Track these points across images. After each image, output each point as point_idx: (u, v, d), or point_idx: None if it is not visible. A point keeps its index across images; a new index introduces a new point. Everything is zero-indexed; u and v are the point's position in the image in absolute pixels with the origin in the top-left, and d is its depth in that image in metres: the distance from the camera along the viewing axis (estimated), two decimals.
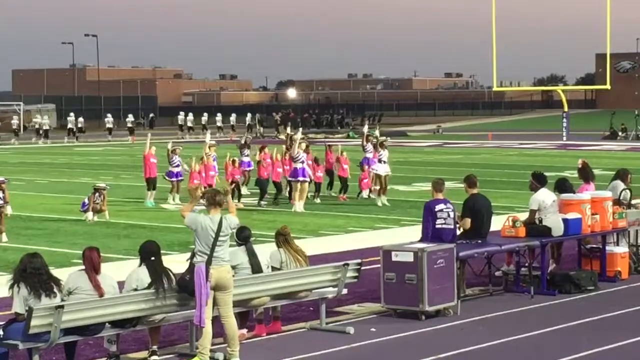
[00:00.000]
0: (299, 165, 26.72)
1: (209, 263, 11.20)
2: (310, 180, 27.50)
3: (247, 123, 78.20)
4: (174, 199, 28.41)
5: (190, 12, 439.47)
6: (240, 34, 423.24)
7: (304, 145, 27.65)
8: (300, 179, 26.57)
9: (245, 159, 30.63)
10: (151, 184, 28.29)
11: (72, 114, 74.09)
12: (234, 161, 28.85)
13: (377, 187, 27.60)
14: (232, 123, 79.08)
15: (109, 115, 75.82)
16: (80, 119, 74.04)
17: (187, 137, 72.19)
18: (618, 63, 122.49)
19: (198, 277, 11.17)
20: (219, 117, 79.49)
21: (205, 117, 79.18)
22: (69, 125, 71.71)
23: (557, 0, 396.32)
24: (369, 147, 28.80)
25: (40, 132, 68.46)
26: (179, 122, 77.93)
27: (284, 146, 29.37)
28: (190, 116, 77.95)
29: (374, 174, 28.01)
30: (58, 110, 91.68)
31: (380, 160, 27.57)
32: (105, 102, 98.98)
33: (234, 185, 27.27)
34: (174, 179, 28.64)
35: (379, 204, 27.13)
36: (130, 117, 73.76)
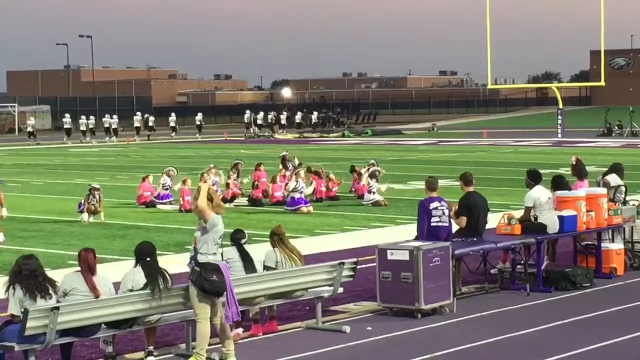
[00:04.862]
0: (297, 195, 25.86)
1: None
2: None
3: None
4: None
5: (184, 13, 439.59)
6: (235, 34, 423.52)
7: (302, 174, 26.68)
8: (300, 206, 25.68)
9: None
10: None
11: (67, 114, 73.24)
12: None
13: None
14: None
15: (82, 117, 71.96)
16: (86, 120, 70.35)
17: (259, 134, 71.37)
18: (612, 60, 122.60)
19: (227, 274, 11.34)
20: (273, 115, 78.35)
21: (271, 115, 77.73)
22: (66, 126, 70.49)
23: None
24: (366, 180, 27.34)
25: None
26: (245, 120, 75.75)
27: (280, 166, 28.88)
28: (261, 115, 75.74)
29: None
30: (53, 112, 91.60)
31: (370, 192, 26.99)
32: (100, 103, 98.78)
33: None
34: (166, 200, 27.54)
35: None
36: (138, 116, 73.65)
